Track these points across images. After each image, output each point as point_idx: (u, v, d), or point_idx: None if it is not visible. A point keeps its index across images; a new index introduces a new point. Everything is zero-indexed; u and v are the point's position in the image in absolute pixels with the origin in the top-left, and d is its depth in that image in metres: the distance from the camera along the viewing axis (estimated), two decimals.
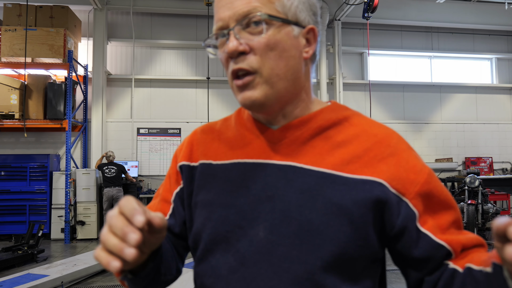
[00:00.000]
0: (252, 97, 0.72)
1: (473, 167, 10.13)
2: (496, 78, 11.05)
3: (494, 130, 10.75)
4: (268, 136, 0.79)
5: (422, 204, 0.72)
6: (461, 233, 0.74)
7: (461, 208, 7.21)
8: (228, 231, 0.74)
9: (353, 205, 0.70)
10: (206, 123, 0.92)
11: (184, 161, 0.86)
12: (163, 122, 9.35)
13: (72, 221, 7.97)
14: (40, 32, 7.81)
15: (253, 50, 0.71)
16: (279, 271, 0.69)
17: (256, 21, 0.71)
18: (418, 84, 10.51)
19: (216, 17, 0.75)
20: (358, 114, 0.82)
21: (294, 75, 0.75)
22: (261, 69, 0.71)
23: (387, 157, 0.73)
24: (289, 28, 0.73)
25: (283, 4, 0.73)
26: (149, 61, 9.54)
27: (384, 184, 0.71)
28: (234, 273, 0.72)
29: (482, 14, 10.18)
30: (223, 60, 0.75)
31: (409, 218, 0.71)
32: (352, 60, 10.39)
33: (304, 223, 0.70)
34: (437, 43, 10.69)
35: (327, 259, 0.68)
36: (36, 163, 8.11)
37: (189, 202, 0.84)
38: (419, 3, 9.91)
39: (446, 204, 0.74)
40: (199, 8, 8.98)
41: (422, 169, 0.74)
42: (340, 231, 0.69)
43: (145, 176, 9.15)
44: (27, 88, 7.91)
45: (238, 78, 0.73)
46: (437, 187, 0.74)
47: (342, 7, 9.32)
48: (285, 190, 0.73)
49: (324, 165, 0.73)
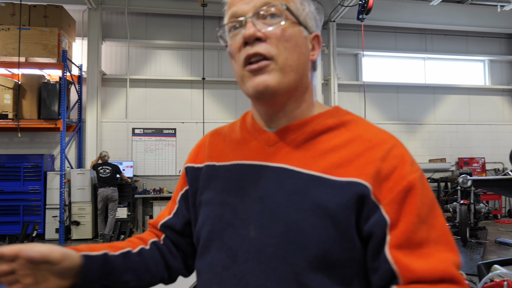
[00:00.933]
0: (266, 81, 0.74)
1: (466, 167, 10.23)
2: (488, 79, 11.17)
3: (486, 131, 10.86)
4: (265, 139, 0.82)
5: (396, 212, 0.69)
6: (431, 257, 0.67)
7: (454, 208, 7.29)
8: (223, 228, 0.78)
9: (337, 208, 0.70)
10: (216, 128, 0.99)
11: (189, 163, 0.94)
12: (158, 122, 9.34)
13: (66, 221, 7.94)
14: (34, 31, 7.78)
15: (270, 39, 0.74)
16: (267, 270, 0.71)
17: (273, 13, 0.75)
18: (412, 85, 10.60)
19: (232, 11, 0.78)
20: (358, 119, 0.82)
21: (303, 71, 0.78)
22: (277, 57, 0.74)
23: (376, 160, 0.72)
24: (301, 27, 0.78)
25: (297, 7, 0.78)
26: (144, 61, 9.52)
27: (368, 186, 0.70)
28: (227, 270, 0.75)
29: (475, 16, 10.29)
30: (235, 49, 0.77)
31: (378, 224, 0.69)
32: (347, 61, 10.45)
33: (290, 224, 0.71)
34: (430, 45, 10.79)
35: (312, 260, 0.69)
36: (30, 163, 8.07)
37: (193, 201, 0.89)
38: (413, 5, 9.99)
39: (424, 218, 0.69)
40: (194, 9, 8.97)
41: (406, 175, 0.71)
42: (325, 233, 0.69)
43: (140, 176, 9.14)
44: (20, 87, 7.87)
45: (251, 64, 0.75)
46: (419, 198, 0.69)
47: (337, 8, 9.37)
48: (276, 192, 0.75)
49: (315, 168, 0.74)
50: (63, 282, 0.74)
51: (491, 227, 8.62)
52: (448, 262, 0.66)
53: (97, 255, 0.79)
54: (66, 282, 0.74)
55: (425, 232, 0.68)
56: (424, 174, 0.74)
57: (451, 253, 0.68)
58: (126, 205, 8.34)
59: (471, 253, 6.01)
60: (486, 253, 6.12)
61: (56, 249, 0.71)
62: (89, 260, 0.77)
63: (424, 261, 0.66)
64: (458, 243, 6.67)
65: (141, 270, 0.86)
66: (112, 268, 0.81)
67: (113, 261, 0.81)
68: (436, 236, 0.68)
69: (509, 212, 10.20)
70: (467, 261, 5.50)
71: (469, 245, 6.52)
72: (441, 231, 0.69)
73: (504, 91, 11.15)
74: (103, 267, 0.79)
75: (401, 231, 0.67)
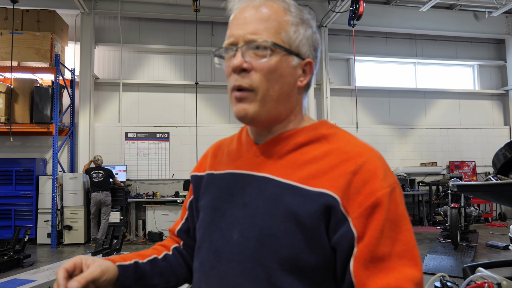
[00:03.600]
0: (246, 109, 0.81)
1: (457, 171, 10.33)
2: (478, 84, 11.34)
3: (476, 134, 11.01)
4: (254, 150, 0.89)
5: (363, 226, 0.72)
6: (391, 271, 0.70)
7: (445, 211, 7.38)
8: (212, 231, 0.86)
9: (306, 216, 0.74)
10: (220, 140, 1.06)
11: (194, 172, 1.03)
12: (152, 126, 9.34)
13: (58, 225, 7.89)
14: (27, 36, 7.77)
15: (255, 70, 0.80)
16: (245, 271, 0.77)
17: (262, 46, 0.79)
18: (403, 90, 10.72)
19: (229, 33, 0.83)
20: (340, 133, 0.85)
21: (286, 99, 0.83)
22: (258, 89, 0.80)
23: (348, 174, 0.75)
24: (290, 57, 0.82)
25: (289, 36, 0.82)
26: (137, 66, 9.53)
27: (336, 198, 0.74)
28: (213, 269, 0.82)
29: (463, 22, 10.46)
30: (227, 72, 0.84)
31: (345, 237, 0.72)
32: (339, 66, 10.55)
33: (265, 229, 0.77)
34: (421, 50, 10.93)
35: (283, 262, 0.75)
36: (22, 167, 8.03)
37: (196, 206, 0.99)
38: (403, 11, 10.14)
39: (388, 233, 0.71)
40: (187, 13, 9.02)
41: (375, 191, 0.73)
42: (296, 238, 0.75)
43: (133, 181, 9.13)
44: (13, 92, 7.84)
45: (237, 90, 0.82)
46: (385, 214, 0.72)
47: (328, 14, 9.48)
48: (257, 199, 0.81)
49: (292, 178, 0.79)
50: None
51: (482, 230, 8.72)
52: (405, 279, 0.69)
53: (130, 264, 0.91)
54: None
55: (387, 247, 0.71)
56: (398, 188, 0.76)
57: (412, 268, 0.70)
58: (119, 209, 8.31)
59: (461, 256, 6.06)
60: (477, 256, 6.17)
61: (96, 265, 0.82)
62: (124, 270, 0.88)
63: (383, 275, 0.69)
64: (449, 246, 6.74)
65: (167, 273, 0.97)
66: (142, 274, 0.92)
67: (142, 268, 0.93)
68: (399, 250, 0.71)
69: (499, 215, 10.32)
70: (457, 264, 5.56)
71: (460, 248, 6.58)
72: (406, 245, 0.72)
73: (493, 95, 11.32)
74: (135, 274, 0.90)
75: (365, 245, 0.71)
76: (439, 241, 7.26)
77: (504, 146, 3.86)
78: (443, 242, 7.17)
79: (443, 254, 6.19)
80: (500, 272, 4.49)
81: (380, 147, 9.91)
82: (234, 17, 0.83)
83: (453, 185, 6.91)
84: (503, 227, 9.23)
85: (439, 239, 7.41)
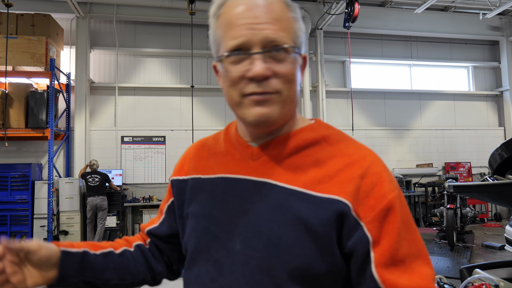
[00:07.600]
0: (269, 113, 0.75)
1: (452, 172, 10.37)
2: (473, 85, 11.40)
3: (472, 135, 11.07)
4: (249, 153, 0.83)
5: (378, 230, 0.71)
6: (413, 272, 0.71)
7: (441, 212, 7.40)
8: (209, 241, 0.80)
9: (318, 224, 0.72)
10: (200, 139, 0.99)
11: (174, 176, 0.95)
12: (148, 130, 9.33)
13: (54, 231, 7.85)
14: (21, 40, 7.74)
15: (277, 75, 0.74)
16: (251, 282, 0.73)
17: (283, 49, 0.74)
18: (399, 92, 10.77)
19: (233, 33, 0.74)
20: (338, 134, 0.83)
21: (296, 98, 0.80)
22: (282, 90, 0.75)
23: (356, 178, 0.74)
24: (297, 56, 0.78)
25: (297, 34, 0.78)
26: (133, 69, 9.52)
27: (348, 204, 0.72)
28: (214, 282, 0.77)
29: (458, 24, 10.52)
30: (236, 77, 0.75)
31: (360, 242, 0.71)
32: (334, 68, 10.57)
33: (273, 238, 0.73)
34: (416, 52, 10.99)
35: (293, 273, 0.72)
36: (17, 172, 7.98)
37: (180, 213, 0.92)
38: (398, 13, 10.19)
39: (404, 235, 0.72)
40: (182, 17, 9.02)
41: (386, 194, 0.73)
42: (307, 247, 0.72)
43: (130, 185, 9.10)
44: (8, 96, 7.80)
45: (253, 95, 0.74)
46: (399, 216, 0.72)
47: (323, 16, 9.51)
48: (259, 205, 0.77)
49: (297, 183, 0.76)
50: (46, 274, 0.81)
51: (478, 230, 8.75)
52: (429, 278, 0.71)
53: (77, 252, 0.86)
54: (49, 274, 0.81)
55: (406, 248, 0.71)
56: (400, 190, 0.77)
57: (427, 267, 0.72)
58: (116, 213, 8.27)
59: (458, 257, 6.08)
60: (473, 256, 6.20)
61: (37, 240, 0.79)
62: (68, 255, 0.84)
63: (407, 276, 0.70)
64: (446, 247, 6.77)
65: (122, 270, 0.92)
66: (91, 266, 0.87)
67: (93, 259, 0.88)
68: (415, 250, 0.72)
69: (495, 216, 10.37)
70: (454, 265, 5.57)
71: (456, 249, 6.60)
72: (419, 245, 0.73)
73: (488, 96, 11.39)
74: (82, 263, 0.85)
75: (385, 249, 0.70)
76: (435, 242, 7.29)
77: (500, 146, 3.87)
78: (440, 243, 7.20)
79: (439, 255, 6.21)
80: (496, 273, 4.50)
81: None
82: (238, 14, 0.74)
83: (449, 185, 6.96)
84: (498, 227, 9.27)
85: (436, 240, 7.44)
